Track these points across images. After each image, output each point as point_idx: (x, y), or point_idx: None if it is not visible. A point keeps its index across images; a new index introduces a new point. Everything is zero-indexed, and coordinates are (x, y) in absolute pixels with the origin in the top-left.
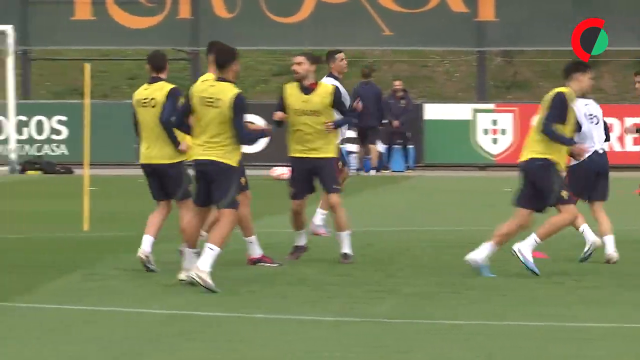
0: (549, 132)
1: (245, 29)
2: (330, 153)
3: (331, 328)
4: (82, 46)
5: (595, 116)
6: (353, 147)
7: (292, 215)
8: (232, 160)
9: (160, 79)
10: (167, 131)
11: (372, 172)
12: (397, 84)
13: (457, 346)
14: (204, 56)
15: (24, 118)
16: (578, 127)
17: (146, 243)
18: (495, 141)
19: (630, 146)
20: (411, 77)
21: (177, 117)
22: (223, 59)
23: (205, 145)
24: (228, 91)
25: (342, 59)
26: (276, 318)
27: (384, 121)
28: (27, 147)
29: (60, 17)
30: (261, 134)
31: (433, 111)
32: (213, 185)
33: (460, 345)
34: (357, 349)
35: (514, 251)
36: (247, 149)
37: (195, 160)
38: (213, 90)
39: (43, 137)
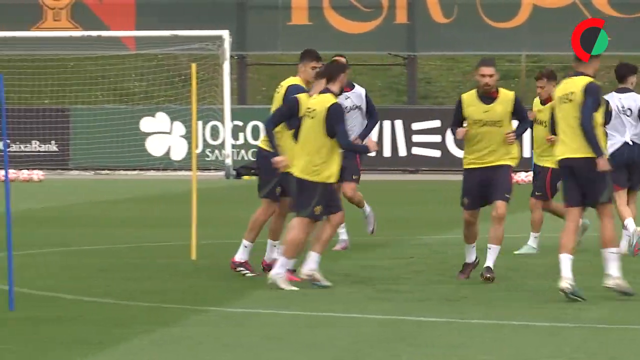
0: (588, 128)
1: (462, 34)
2: (507, 161)
3: (546, 333)
4: (298, 51)
5: (628, 109)
6: None
7: (465, 226)
8: None
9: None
10: None
11: None
12: None
13: None
14: (421, 61)
15: (239, 123)
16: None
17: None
18: None
19: None
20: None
21: None
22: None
23: None
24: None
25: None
26: (491, 323)
27: None
28: (242, 152)
29: (277, 22)
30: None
31: None
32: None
33: None
34: (574, 354)
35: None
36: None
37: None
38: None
39: (259, 142)
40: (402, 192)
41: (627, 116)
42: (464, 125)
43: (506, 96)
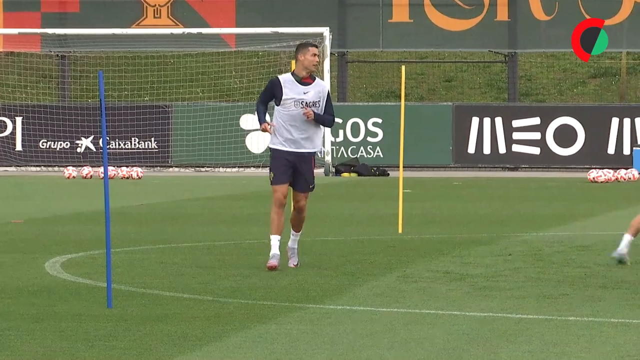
0: None
1: (562, 32)
2: None
3: None
4: (399, 48)
5: None
6: None
7: None
8: None
9: None
10: None
11: None
12: None
13: None
14: (522, 58)
15: (339, 120)
16: None
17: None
18: None
19: None
20: None
21: None
22: None
23: None
24: None
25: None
26: (589, 321)
27: None
28: (342, 149)
29: (378, 19)
30: None
31: None
32: None
33: None
34: None
35: None
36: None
37: None
38: None
39: (358, 139)
40: (501, 189)
41: None
42: None
43: None
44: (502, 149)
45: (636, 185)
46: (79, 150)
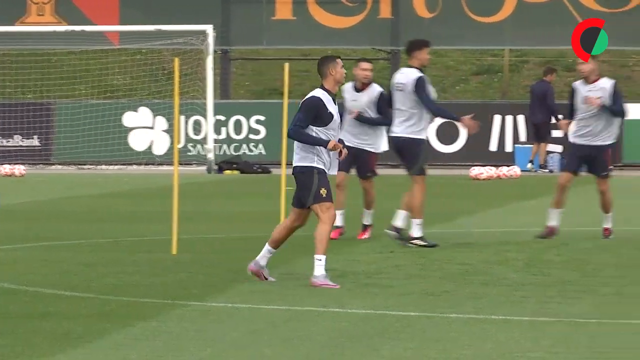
0: None
1: (445, 29)
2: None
3: (525, 328)
4: (282, 46)
5: None
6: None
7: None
8: None
9: None
10: None
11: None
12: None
13: None
14: (404, 55)
15: (222, 118)
16: None
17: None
18: None
19: None
20: (610, 77)
21: None
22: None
23: None
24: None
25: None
26: (471, 318)
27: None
28: (225, 146)
29: (261, 17)
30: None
31: (632, 111)
32: None
33: None
34: (553, 349)
35: None
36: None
37: None
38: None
39: (241, 136)
40: (382, 186)
41: None
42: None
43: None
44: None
45: (518, 182)
46: None
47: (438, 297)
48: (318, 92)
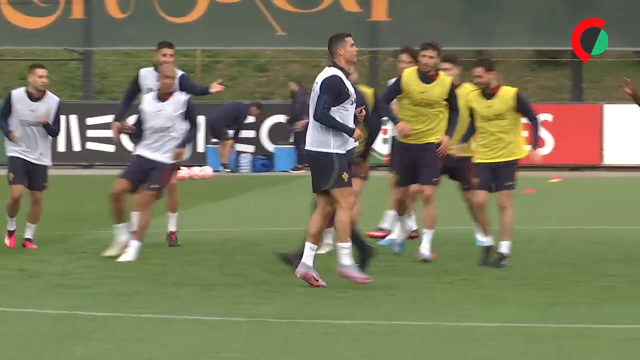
0: None
1: (138, 29)
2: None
3: (218, 328)
4: None
5: None
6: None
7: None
8: None
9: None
10: None
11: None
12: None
13: (343, 346)
14: (97, 56)
15: None
16: None
17: None
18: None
19: None
20: (303, 77)
21: None
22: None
23: None
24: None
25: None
26: (163, 318)
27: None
28: None
29: None
30: None
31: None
32: None
33: (347, 345)
34: (245, 349)
35: None
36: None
37: None
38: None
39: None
40: (77, 187)
41: None
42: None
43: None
44: (77, 147)
45: (209, 183)
46: None
47: (130, 297)
48: (335, 71)
